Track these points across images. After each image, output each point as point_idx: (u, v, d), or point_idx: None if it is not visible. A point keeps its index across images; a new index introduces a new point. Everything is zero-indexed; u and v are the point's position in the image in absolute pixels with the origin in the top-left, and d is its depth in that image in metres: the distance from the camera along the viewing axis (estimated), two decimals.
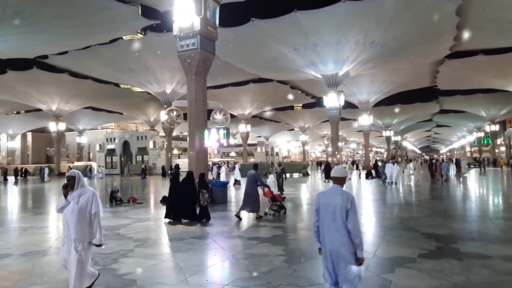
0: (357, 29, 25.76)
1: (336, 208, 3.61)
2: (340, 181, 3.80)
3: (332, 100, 33.10)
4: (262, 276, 5.34)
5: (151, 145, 48.64)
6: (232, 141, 64.30)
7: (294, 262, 6.07)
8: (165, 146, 44.54)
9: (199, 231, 8.89)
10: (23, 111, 57.84)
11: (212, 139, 14.26)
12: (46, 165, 44.44)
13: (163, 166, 39.36)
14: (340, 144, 43.31)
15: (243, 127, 53.38)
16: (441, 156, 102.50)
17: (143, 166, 39.26)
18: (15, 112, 57.54)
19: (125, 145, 50.54)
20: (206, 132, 14.31)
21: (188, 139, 15.20)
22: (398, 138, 75.83)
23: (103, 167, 44.61)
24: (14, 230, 9.69)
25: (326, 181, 24.45)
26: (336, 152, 36.23)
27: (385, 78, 38.89)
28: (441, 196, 17.14)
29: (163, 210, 12.82)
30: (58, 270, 5.84)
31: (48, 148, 62.61)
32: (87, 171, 40.60)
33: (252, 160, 62.23)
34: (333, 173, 3.87)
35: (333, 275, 3.69)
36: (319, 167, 49.00)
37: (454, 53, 30.92)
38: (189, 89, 14.79)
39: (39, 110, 47.38)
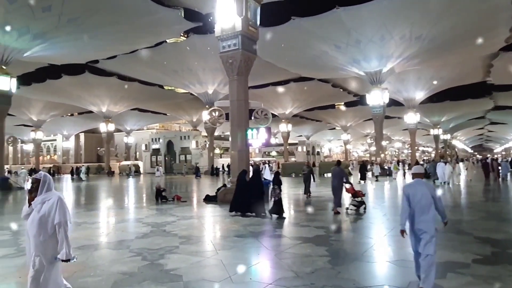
0: (402, 24, 24.80)
1: (423, 195, 4.69)
2: (420, 175, 4.99)
3: (376, 98, 32.12)
4: (305, 277, 5.29)
5: (193, 145, 49.86)
6: (273, 140, 64.31)
7: (338, 264, 5.95)
8: (207, 145, 45.48)
9: (242, 230, 8.97)
10: (76, 113, 61.56)
11: (254, 138, 14.35)
12: (84, 164, 46.22)
13: (212, 165, 40.24)
14: (384, 143, 41.93)
15: (284, 127, 53.23)
16: (497, 155, 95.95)
17: (197, 165, 40.28)
18: (69, 114, 61.30)
19: (169, 145, 52.18)
20: (248, 131, 14.42)
21: (230, 138, 15.41)
22: (447, 136, 72.00)
23: (161, 166, 45.63)
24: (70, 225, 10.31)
25: (362, 182, 23.59)
26: (380, 152, 35.11)
27: (433, 74, 37.12)
28: (497, 198, 16.07)
29: (206, 208, 13.15)
30: (109, 264, 6.16)
31: (98, 148, 66.23)
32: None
33: (293, 159, 61.91)
34: (413, 171, 5.18)
35: (416, 247, 4.76)
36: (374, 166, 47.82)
37: (510, 45, 28.86)
38: (231, 89, 14.98)
39: (91, 112, 50.34)
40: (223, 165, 42.32)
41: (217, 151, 57.96)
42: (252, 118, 15.58)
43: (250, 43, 14.85)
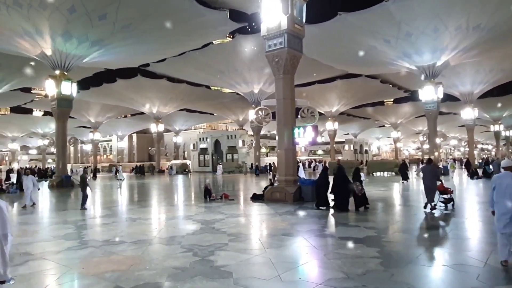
0: (458, 13, 23.30)
1: (508, 186, 5.47)
2: (510, 169, 5.64)
3: (429, 93, 30.50)
4: (356, 278, 5.15)
5: (240, 144, 50.52)
6: (319, 139, 63.42)
7: (391, 266, 5.74)
8: (253, 144, 45.87)
9: (289, 228, 8.94)
10: (129, 115, 64.89)
11: (301, 137, 14.25)
12: (121, 164, 47.35)
13: (257, 164, 40.63)
14: (438, 140, 39.76)
15: (330, 125, 52.34)
16: None
17: (256, 163, 40.78)
18: (123, 116, 64.80)
19: (216, 144, 53.27)
20: (295, 130, 14.35)
21: (276, 137, 15.41)
22: (510, 133, 66.68)
23: (221, 164, 46.28)
24: (126, 221, 10.90)
25: (404, 182, 22.39)
26: (434, 150, 33.34)
27: (493, 65, 34.55)
28: None
29: (253, 207, 13.26)
30: (163, 258, 6.41)
31: (149, 148, 69.36)
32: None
33: (339, 158, 60.62)
34: (503, 164, 5.80)
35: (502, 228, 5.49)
36: (413, 165, 45.59)
37: None
38: (277, 88, 14.97)
39: (142, 113, 52.87)
40: (269, 164, 42.50)
41: (263, 150, 58.29)
42: (299, 116, 15.48)
43: (296, 41, 14.74)
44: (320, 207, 11.97)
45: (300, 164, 24.40)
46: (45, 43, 23.36)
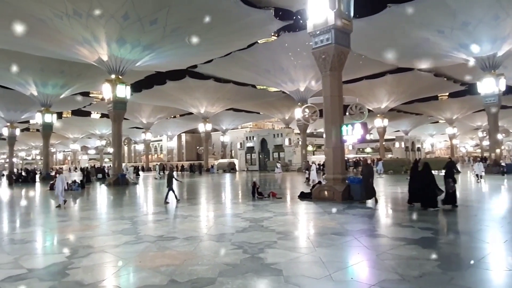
0: None
1: None
2: None
3: (489, 86, 28.48)
4: (412, 281, 4.94)
5: (286, 142, 50.40)
6: (368, 136, 61.50)
7: (450, 269, 5.43)
8: (300, 143, 45.54)
9: (339, 228, 8.77)
10: (178, 115, 67.23)
11: (349, 134, 13.92)
12: (158, 163, 48.33)
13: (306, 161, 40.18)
14: (500, 136, 36.95)
15: (379, 122, 50.63)
16: None
17: (310, 162, 40.34)
18: (172, 116, 67.35)
19: (263, 142, 53.57)
20: (343, 127, 14.05)
21: (324, 135, 15.18)
22: None
23: (279, 162, 45.66)
24: (177, 218, 11.29)
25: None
26: (495, 146, 31.04)
27: None
28: None
29: (301, 205, 13.16)
30: (214, 254, 6.57)
31: (198, 147, 71.33)
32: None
33: (389, 156, 58.42)
34: None
35: None
36: (473, 163, 42.70)
37: None
38: (324, 85, 14.73)
39: (191, 113, 54.53)
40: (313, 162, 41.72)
41: (309, 148, 57.69)
42: (347, 113, 15.13)
43: (344, 36, 14.40)
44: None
45: (313, 165, 22.18)
46: (101, 49, 24.84)
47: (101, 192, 22.21)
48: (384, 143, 54.52)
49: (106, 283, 5.32)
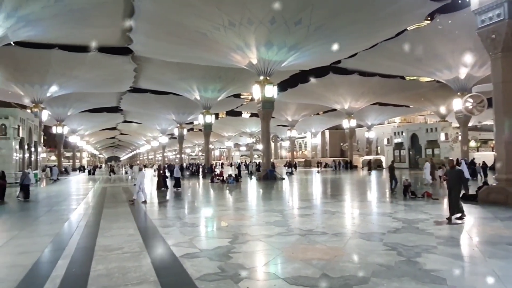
0: None
1: None
2: None
3: None
4: None
5: (442, 137, 45.13)
6: None
7: None
8: (459, 137, 40.09)
9: None
10: (322, 112, 67.57)
11: None
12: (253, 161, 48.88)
13: (472, 160, 35.13)
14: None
15: None
16: None
17: (473, 159, 36.05)
18: (316, 113, 68.18)
19: (413, 138, 49.32)
20: None
21: (494, 128, 12.99)
22: None
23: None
24: (324, 214, 11.38)
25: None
26: None
27: None
28: None
29: (464, 208, 11.58)
30: (365, 253, 6.36)
31: (341, 143, 70.34)
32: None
33: None
34: None
35: None
36: None
37: None
38: (495, 70, 12.59)
39: (334, 110, 54.17)
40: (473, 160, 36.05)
41: (472, 144, 50.31)
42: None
43: None
44: None
45: (427, 163, 19.41)
46: (252, 53, 26.93)
47: (252, 186, 24.11)
48: None
49: (264, 269, 5.76)
